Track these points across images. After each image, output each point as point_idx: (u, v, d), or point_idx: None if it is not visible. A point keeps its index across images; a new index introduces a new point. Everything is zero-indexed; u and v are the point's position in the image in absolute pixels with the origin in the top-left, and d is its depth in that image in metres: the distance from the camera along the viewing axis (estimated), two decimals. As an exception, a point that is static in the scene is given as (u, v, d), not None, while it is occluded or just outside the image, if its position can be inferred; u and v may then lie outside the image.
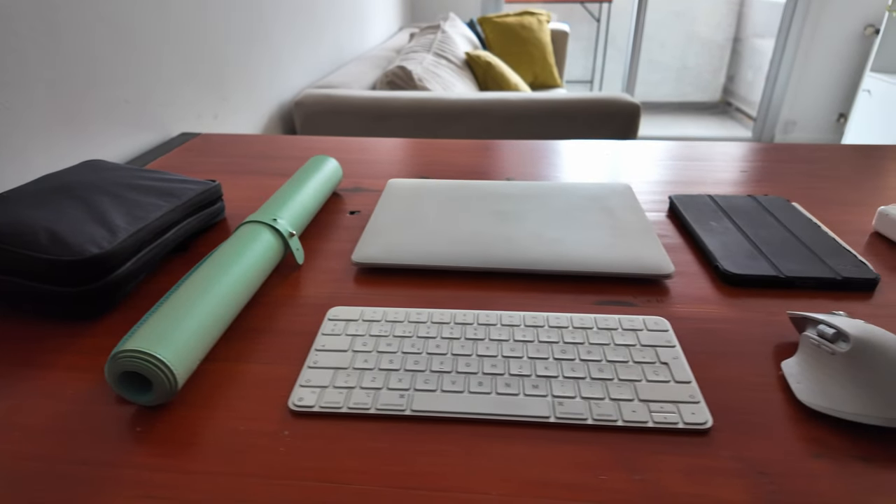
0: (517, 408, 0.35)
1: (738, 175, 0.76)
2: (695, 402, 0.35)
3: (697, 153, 0.84)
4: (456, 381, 0.37)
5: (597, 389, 0.36)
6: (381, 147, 0.89)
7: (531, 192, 0.64)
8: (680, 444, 0.33)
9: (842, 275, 0.48)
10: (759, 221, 0.58)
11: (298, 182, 0.60)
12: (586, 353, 0.39)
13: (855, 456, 0.32)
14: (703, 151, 0.85)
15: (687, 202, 0.63)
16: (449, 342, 0.41)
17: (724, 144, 0.88)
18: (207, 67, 1.06)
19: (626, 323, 0.42)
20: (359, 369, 0.38)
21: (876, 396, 0.33)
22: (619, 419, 0.34)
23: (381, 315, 0.44)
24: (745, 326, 0.44)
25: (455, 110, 1.38)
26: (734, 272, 0.49)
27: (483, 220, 0.58)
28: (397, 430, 0.34)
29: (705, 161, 0.81)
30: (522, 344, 0.40)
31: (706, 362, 0.40)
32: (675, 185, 0.72)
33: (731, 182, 0.73)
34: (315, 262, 0.54)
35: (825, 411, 0.34)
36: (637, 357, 0.39)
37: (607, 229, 0.56)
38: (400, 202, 0.62)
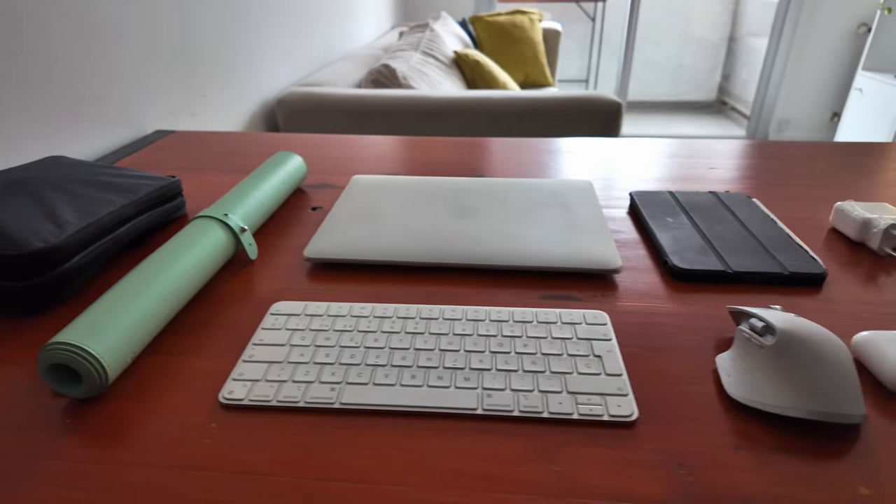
0: (445, 400, 0.35)
1: (706, 171, 0.76)
2: (622, 395, 0.35)
3: (672, 150, 0.84)
4: (389, 375, 0.37)
5: (527, 382, 0.36)
6: (355, 144, 0.89)
7: (494, 188, 0.65)
8: (603, 436, 0.33)
9: (789, 270, 0.48)
10: (716, 217, 0.58)
11: (257, 178, 0.60)
12: (522, 347, 0.39)
13: (775, 448, 0.32)
14: (677, 149, 0.85)
15: (646, 198, 0.63)
16: (388, 336, 0.41)
17: (701, 141, 0.88)
18: (184, 65, 1.06)
19: (566, 317, 0.43)
20: (293, 363, 0.38)
21: (798, 389, 0.33)
22: (545, 411, 0.34)
23: (324, 310, 0.44)
24: (688, 320, 0.44)
25: (438, 108, 1.38)
26: (682, 267, 0.49)
27: (441, 216, 0.58)
28: (325, 423, 0.35)
29: (679, 158, 0.81)
30: (461, 337, 0.41)
31: (643, 355, 0.40)
32: (645, 182, 0.72)
33: (700, 178, 0.73)
34: (270, 258, 0.55)
35: (751, 404, 0.35)
36: (572, 350, 0.39)
37: (562, 225, 0.56)
38: (360, 198, 0.62)
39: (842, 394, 0.33)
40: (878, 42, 2.75)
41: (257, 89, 1.41)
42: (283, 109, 1.40)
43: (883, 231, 0.52)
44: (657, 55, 4.32)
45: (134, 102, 0.92)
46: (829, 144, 0.85)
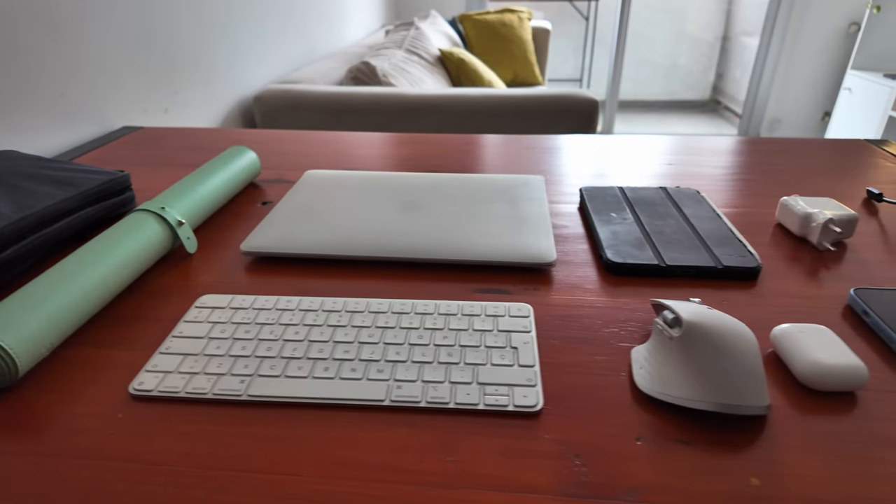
0: (354, 392, 0.35)
1: (665, 168, 0.76)
2: (530, 386, 0.35)
3: (640, 147, 0.84)
4: (302, 367, 0.37)
5: (439, 373, 0.36)
6: (323, 140, 0.89)
7: (445, 183, 0.65)
8: (506, 426, 0.33)
9: (724, 264, 0.48)
10: (660, 212, 0.58)
11: (204, 172, 0.60)
12: (441, 339, 0.39)
13: (676, 439, 0.32)
14: (646, 145, 0.85)
15: (595, 194, 0.63)
16: (309, 329, 0.41)
17: (670, 138, 0.87)
18: (155, 62, 1.06)
19: (491, 309, 0.43)
20: (209, 355, 0.38)
21: (702, 380, 0.33)
22: (452, 402, 0.34)
23: (249, 303, 0.44)
24: (615, 313, 0.44)
25: (415, 106, 1.38)
26: (615, 261, 0.49)
27: (386, 211, 0.58)
28: (231, 415, 0.35)
29: (643, 154, 0.81)
30: (382, 330, 0.41)
31: (562, 347, 0.40)
32: (606, 178, 0.72)
33: (661, 174, 0.73)
34: (211, 252, 0.54)
35: (657, 396, 0.35)
36: (489, 342, 0.39)
37: (505, 220, 0.56)
38: (309, 193, 0.62)
39: (744, 385, 0.33)
40: (867, 41, 2.75)
41: (235, 87, 1.41)
42: (260, 107, 1.40)
43: (821, 225, 0.52)
44: (651, 54, 4.31)
45: (99, 98, 0.92)
46: (807, 141, 0.85)
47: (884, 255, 0.53)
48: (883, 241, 0.55)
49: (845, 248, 0.54)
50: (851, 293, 0.44)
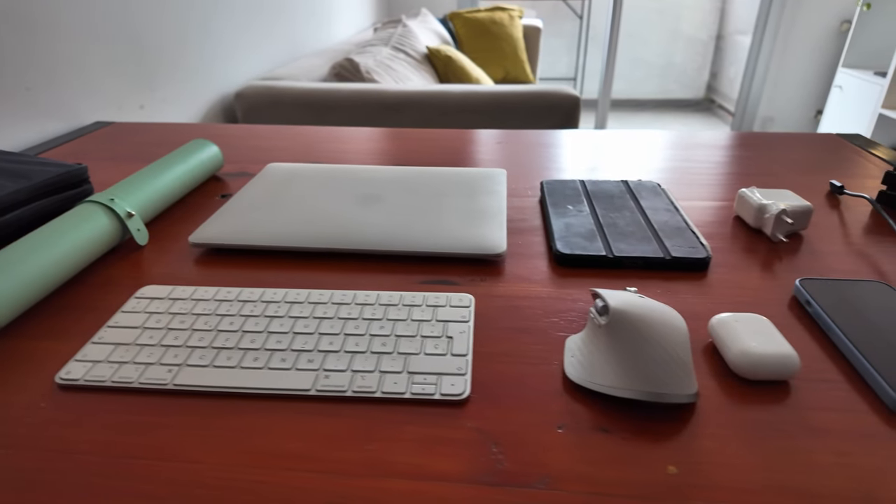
0: (280, 381, 0.35)
1: (633, 161, 0.75)
2: (460, 375, 0.35)
3: (612, 141, 0.84)
4: (232, 357, 0.37)
5: (370, 363, 0.36)
6: (292, 134, 0.88)
7: (406, 176, 0.64)
8: (431, 414, 0.33)
9: (672, 255, 0.48)
10: (617, 205, 0.58)
11: (162, 165, 0.60)
12: (378, 329, 0.39)
13: (596, 427, 0.32)
14: (619, 139, 0.85)
15: (555, 187, 0.63)
16: (244, 319, 0.40)
17: (643, 133, 0.87)
18: (131, 59, 1.05)
19: (432, 300, 0.42)
20: (140, 345, 0.38)
21: (627, 368, 0.33)
22: (378, 391, 0.34)
23: (189, 293, 0.43)
24: (559, 304, 0.44)
25: (396, 102, 1.38)
26: (564, 252, 0.49)
27: (342, 203, 0.57)
28: (156, 404, 0.34)
29: (613, 148, 0.81)
30: (319, 320, 0.40)
31: (501, 337, 0.40)
32: (574, 171, 0.72)
33: (628, 167, 0.73)
34: (163, 244, 0.54)
35: (584, 384, 0.34)
36: (426, 332, 0.39)
37: (461, 213, 0.55)
38: (267, 185, 0.62)
39: (670, 373, 0.32)
40: (857, 38, 2.75)
41: (217, 84, 1.40)
42: (241, 103, 1.40)
43: (774, 217, 0.51)
44: (645, 53, 4.31)
45: (70, 94, 0.92)
46: (772, 135, 0.85)
47: (838, 246, 0.52)
48: (839, 233, 0.55)
49: (801, 240, 0.54)
50: (797, 284, 0.44)
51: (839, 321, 0.39)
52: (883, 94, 2.48)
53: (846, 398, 0.34)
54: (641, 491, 0.28)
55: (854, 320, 0.39)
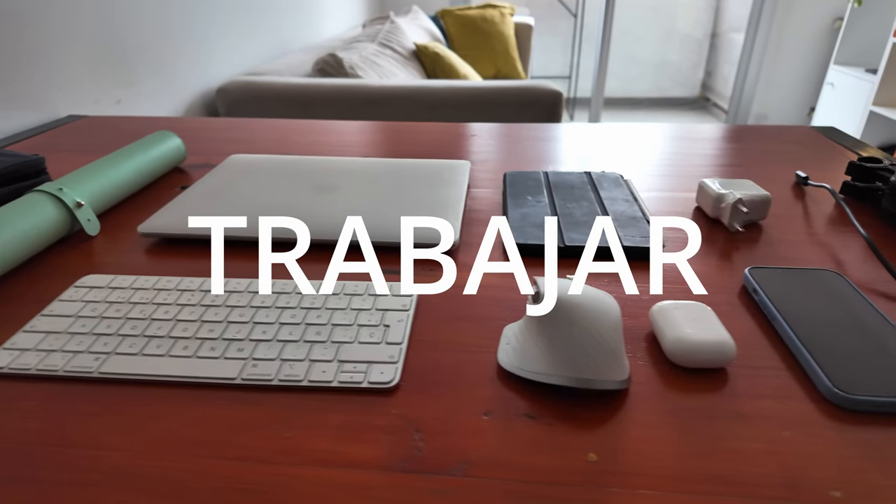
0: (206, 370, 0.34)
1: (603, 153, 0.75)
2: (391, 363, 0.34)
3: (589, 134, 0.83)
4: (161, 346, 0.36)
5: (301, 351, 0.35)
6: (265, 126, 0.88)
7: (369, 167, 0.64)
8: (356, 402, 0.32)
9: (623, 244, 0.47)
10: (577, 195, 0.57)
11: (118, 155, 0.59)
12: (315, 318, 0.39)
13: (522, 414, 0.31)
14: (596, 132, 0.84)
15: (517, 178, 0.62)
16: (180, 308, 0.40)
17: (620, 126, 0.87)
18: (108, 53, 1.04)
19: (374, 289, 0.42)
20: (72, 333, 0.37)
21: (556, 355, 0.32)
22: (305, 380, 0.33)
23: (129, 282, 0.43)
24: (508, 293, 0.43)
25: (378, 97, 1.37)
26: (517, 242, 0.48)
27: (297, 194, 0.57)
28: (80, 392, 0.34)
29: (591, 141, 0.80)
30: (256, 309, 0.40)
31: (443, 325, 0.39)
32: (538, 164, 0.71)
33: (600, 159, 0.72)
34: (116, 234, 0.53)
35: (514, 371, 0.34)
36: (363, 320, 0.38)
37: (416, 203, 0.55)
38: (225, 176, 0.61)
39: (599, 360, 0.32)
40: (849, 36, 2.75)
41: (200, 79, 1.39)
42: (222, 99, 1.39)
43: (731, 206, 0.51)
44: (640, 51, 4.30)
45: (42, 87, 0.91)
46: (747, 128, 0.84)
47: (795, 236, 0.52)
48: (799, 223, 0.54)
49: (760, 230, 0.53)
50: (746, 272, 0.43)
51: (783, 309, 0.38)
52: (874, 91, 2.48)
53: (783, 386, 0.34)
54: (558, 478, 0.28)
55: (799, 308, 0.38)
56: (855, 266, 0.47)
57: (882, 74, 2.43)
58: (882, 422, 0.31)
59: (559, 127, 0.87)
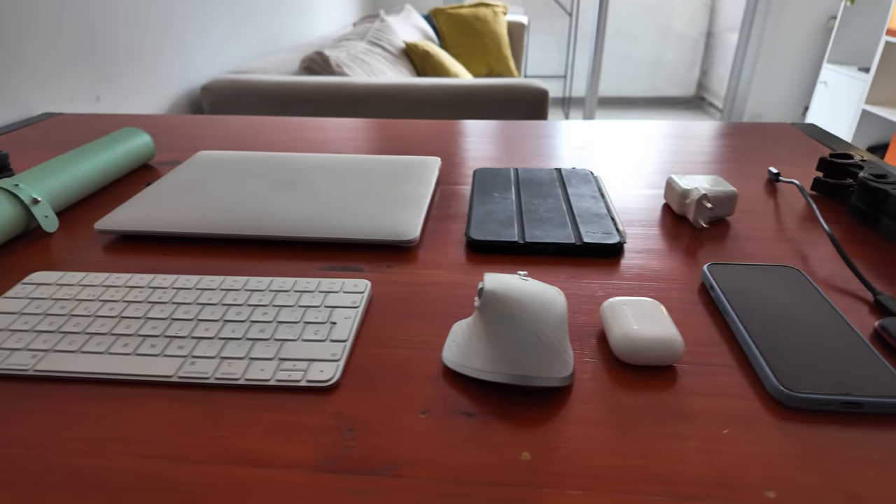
0: (143, 367, 0.33)
1: (574, 151, 0.74)
2: (333, 361, 0.34)
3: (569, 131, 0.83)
4: (102, 343, 0.35)
5: (242, 349, 0.35)
6: (242, 123, 0.87)
7: (336, 164, 0.63)
8: (292, 401, 0.32)
9: (583, 240, 0.47)
10: (544, 192, 0.57)
11: (82, 152, 0.59)
12: (261, 315, 0.38)
13: (459, 412, 0.31)
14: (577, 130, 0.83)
15: (486, 175, 0.61)
16: (126, 305, 0.39)
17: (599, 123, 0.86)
18: (86, 50, 1.04)
19: (326, 286, 0.41)
20: (13, 330, 0.37)
21: (496, 351, 0.32)
22: (242, 378, 0.33)
23: (78, 279, 0.42)
24: (465, 290, 0.42)
25: (362, 95, 1.36)
26: (476, 238, 0.47)
27: (261, 190, 0.56)
28: (15, 390, 0.33)
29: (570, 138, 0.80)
30: (202, 306, 0.39)
31: (394, 322, 0.39)
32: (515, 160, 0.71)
33: (576, 157, 0.72)
34: (74, 231, 0.53)
35: (456, 368, 0.33)
36: (310, 318, 0.38)
37: (380, 199, 0.54)
38: (190, 173, 0.61)
39: (538, 357, 0.31)
40: (842, 34, 2.74)
41: (184, 77, 1.39)
42: (207, 97, 1.38)
43: (695, 202, 0.50)
44: (635, 50, 4.29)
45: (17, 85, 0.90)
46: (729, 125, 0.84)
47: (762, 232, 0.51)
48: (766, 219, 0.53)
49: (727, 226, 0.52)
50: (704, 269, 0.43)
51: (737, 305, 0.38)
52: (866, 90, 2.47)
53: (732, 384, 0.33)
54: (488, 477, 0.27)
55: (754, 305, 0.38)
56: (819, 263, 0.46)
57: (875, 73, 2.42)
58: (826, 420, 0.30)
59: (542, 124, 0.86)
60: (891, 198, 0.49)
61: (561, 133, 0.82)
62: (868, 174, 0.52)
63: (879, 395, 0.30)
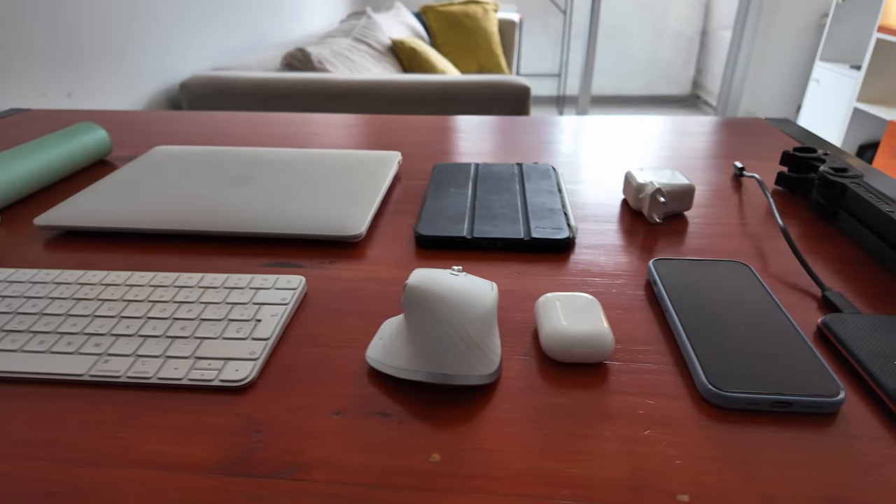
0: (55, 366, 0.32)
1: (537, 146, 0.73)
2: (251, 360, 0.33)
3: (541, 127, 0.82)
4: (17, 340, 0.34)
5: (159, 347, 0.34)
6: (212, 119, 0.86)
7: (293, 158, 0.62)
8: (203, 401, 0.30)
9: (532, 235, 0.46)
10: (501, 187, 0.55)
11: (29, 148, 0.57)
12: (186, 312, 0.37)
13: (375, 412, 0.30)
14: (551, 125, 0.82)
15: (445, 170, 0.60)
16: (48, 302, 0.38)
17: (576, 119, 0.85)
18: (58, 45, 1.02)
19: (258, 282, 0.40)
20: (-75, 328, 0.35)
21: (416, 349, 0.30)
22: (154, 377, 0.31)
23: (6, 276, 0.41)
24: (400, 286, 0.41)
25: (342, 91, 1.35)
26: (423, 234, 0.46)
27: (211, 185, 0.55)
28: (-82, 390, 0.32)
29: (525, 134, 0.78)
30: (127, 303, 0.38)
31: (325, 320, 0.37)
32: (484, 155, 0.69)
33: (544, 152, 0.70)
34: (17, 227, 0.52)
35: (377, 366, 0.32)
36: (235, 315, 0.36)
37: (332, 194, 0.53)
38: (142, 168, 0.59)
39: (458, 354, 0.30)
40: (834, 32, 2.73)
41: (164, 75, 1.37)
42: (186, 94, 1.37)
43: (649, 197, 0.49)
44: (631, 49, 4.27)
45: (-18, 79, 0.89)
46: (703, 119, 0.83)
47: (719, 227, 0.50)
48: (725, 214, 0.52)
49: (684, 221, 0.51)
50: (649, 264, 0.41)
51: (676, 302, 0.37)
52: (858, 88, 2.46)
53: (664, 383, 0.32)
54: (390, 480, 0.26)
55: (695, 301, 0.37)
56: (774, 258, 0.45)
57: (866, 71, 2.41)
58: (756, 421, 0.29)
59: (516, 120, 0.85)
60: (849, 192, 0.48)
61: (536, 129, 0.80)
62: (828, 168, 0.51)
63: (810, 394, 0.29)
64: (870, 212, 0.45)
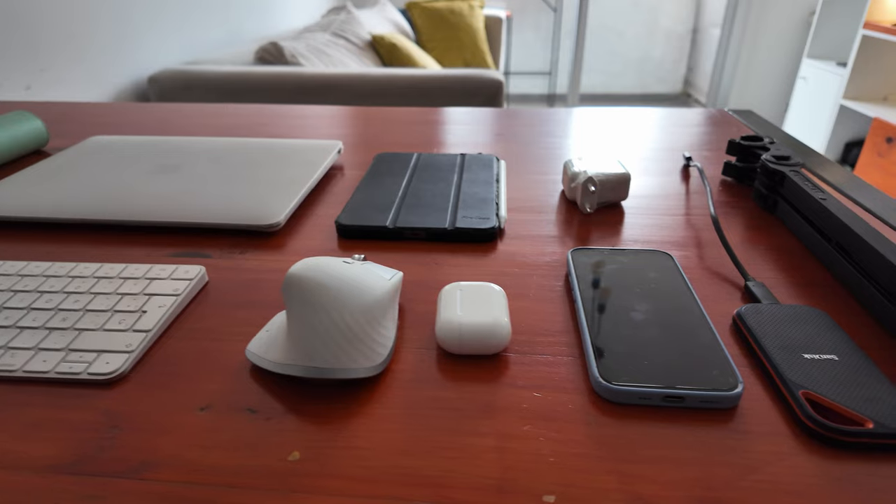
0: (-85, 359, 0.30)
1: (492, 137, 0.71)
2: (127, 352, 0.31)
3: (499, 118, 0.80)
4: None
5: (34, 339, 0.32)
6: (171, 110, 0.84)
7: (226, 147, 0.60)
8: (66, 396, 0.29)
9: (456, 225, 0.44)
10: (438, 177, 0.54)
11: (-50, 135, 0.55)
12: (72, 303, 0.35)
13: (244, 408, 0.28)
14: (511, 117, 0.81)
15: (385, 160, 0.58)
16: (-68, 292, 0.36)
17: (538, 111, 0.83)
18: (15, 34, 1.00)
19: (155, 272, 0.38)
20: None
21: (293, 341, 0.29)
22: (20, 370, 0.30)
23: None
24: (311, 278, 0.39)
25: (316, 85, 1.33)
26: (344, 223, 0.45)
27: (136, 175, 0.53)
28: None
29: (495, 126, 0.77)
30: (14, 293, 0.36)
31: (220, 312, 0.36)
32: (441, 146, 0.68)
33: (491, 144, 0.69)
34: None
35: (254, 360, 0.30)
36: (122, 306, 0.34)
37: (259, 184, 0.51)
38: (72, 158, 0.57)
39: (336, 347, 0.28)
40: (821, 29, 2.72)
41: (131, 68, 1.35)
42: (154, 88, 1.35)
43: (581, 186, 0.47)
44: (622, 47, 4.26)
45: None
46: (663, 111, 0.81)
47: (655, 218, 0.48)
48: (664, 204, 0.51)
49: (621, 211, 0.50)
50: (567, 254, 0.40)
51: (585, 293, 0.35)
52: (844, 85, 2.45)
53: (559, 376, 0.30)
54: (242, 480, 0.24)
55: (606, 292, 0.35)
56: (707, 248, 0.43)
57: (852, 68, 2.40)
58: (646, 416, 0.27)
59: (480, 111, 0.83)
60: (787, 180, 0.46)
61: (496, 120, 0.79)
62: (770, 156, 0.49)
63: (705, 387, 0.27)
64: (804, 199, 0.43)
